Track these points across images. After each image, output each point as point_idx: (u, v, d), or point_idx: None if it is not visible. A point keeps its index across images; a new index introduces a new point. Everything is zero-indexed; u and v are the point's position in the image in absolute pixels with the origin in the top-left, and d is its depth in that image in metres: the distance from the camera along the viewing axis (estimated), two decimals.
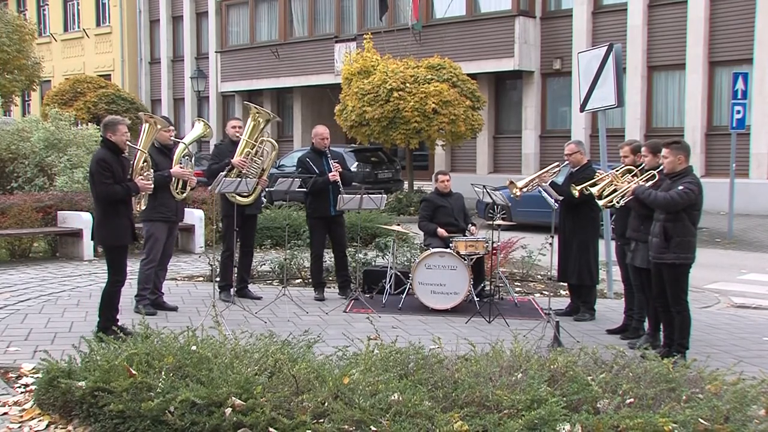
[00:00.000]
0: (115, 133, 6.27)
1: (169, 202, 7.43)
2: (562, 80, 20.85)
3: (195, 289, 8.82)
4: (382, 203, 8.01)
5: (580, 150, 7.68)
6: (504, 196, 8.23)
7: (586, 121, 19.67)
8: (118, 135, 6.26)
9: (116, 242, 6.32)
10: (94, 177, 6.19)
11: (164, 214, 7.44)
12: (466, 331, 6.94)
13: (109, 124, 6.34)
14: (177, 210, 7.60)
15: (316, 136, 8.37)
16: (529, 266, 9.74)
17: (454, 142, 18.35)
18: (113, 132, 6.27)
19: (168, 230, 7.55)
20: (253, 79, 26.72)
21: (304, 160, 8.37)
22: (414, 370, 4.17)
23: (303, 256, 9.41)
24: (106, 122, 6.39)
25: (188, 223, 11.54)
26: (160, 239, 7.47)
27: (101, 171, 6.15)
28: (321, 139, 8.32)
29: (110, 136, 6.27)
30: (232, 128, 8.19)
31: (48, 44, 34.45)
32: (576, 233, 7.52)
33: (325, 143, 8.30)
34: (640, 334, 6.75)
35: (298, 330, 6.16)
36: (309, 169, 8.26)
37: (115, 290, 6.37)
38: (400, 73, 17.64)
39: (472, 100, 17.93)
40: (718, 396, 3.92)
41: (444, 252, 7.88)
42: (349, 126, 17.96)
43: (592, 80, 8.79)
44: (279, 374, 4.01)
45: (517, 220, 12.67)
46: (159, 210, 7.37)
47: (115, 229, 6.27)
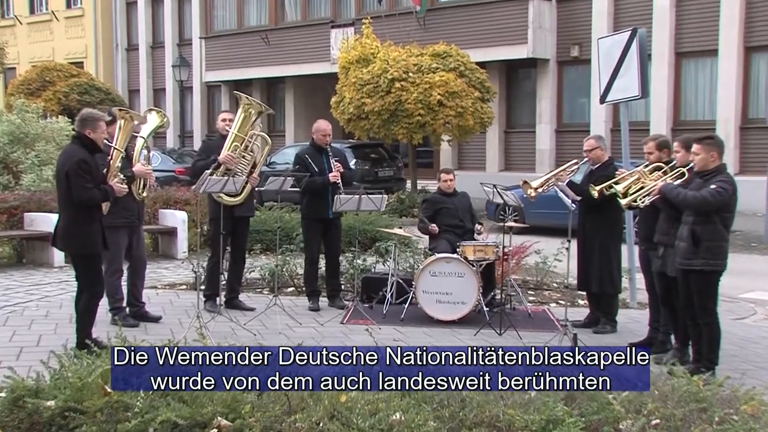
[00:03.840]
0: (95, 129, 6.20)
1: (131, 204, 7.35)
2: (580, 69, 20.84)
3: (177, 299, 8.81)
4: (382, 204, 8.01)
5: (600, 146, 7.68)
6: (516, 196, 8.23)
7: (606, 114, 19.66)
8: (99, 132, 6.19)
9: (90, 250, 6.29)
10: (72, 180, 6.11)
11: (126, 219, 7.37)
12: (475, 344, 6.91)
13: (88, 119, 6.25)
14: (139, 213, 7.58)
15: (318, 131, 8.37)
16: (544, 273, 9.73)
17: (461, 137, 18.35)
18: (93, 128, 6.20)
19: (131, 235, 7.52)
20: (241, 68, 26.74)
21: (303, 156, 8.38)
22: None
23: (296, 263, 9.40)
24: (84, 117, 6.29)
25: (170, 226, 11.54)
26: (122, 247, 7.43)
27: (81, 174, 6.09)
28: (322, 135, 8.33)
29: (89, 132, 6.20)
30: (222, 122, 8.18)
31: (12, 27, 34.46)
32: (596, 237, 7.52)
33: (327, 140, 8.31)
34: (667, 348, 6.75)
35: (290, 343, 6.14)
36: (307, 166, 8.27)
37: (95, 303, 6.35)
38: (402, 62, 17.64)
39: (481, 91, 17.93)
40: (756, 418, 3.91)
41: (450, 258, 7.87)
42: (347, 119, 17.97)
43: (614, 69, 8.79)
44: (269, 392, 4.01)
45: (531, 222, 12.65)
46: (120, 214, 7.26)
47: (89, 236, 6.24)
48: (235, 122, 7.94)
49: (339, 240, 8.59)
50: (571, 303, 8.71)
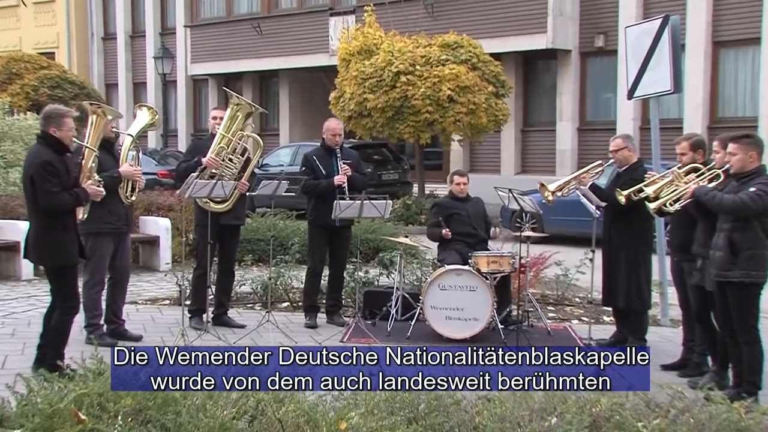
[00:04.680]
0: (61, 127, 6.19)
1: (117, 208, 7.39)
2: (605, 61, 20.85)
3: (160, 315, 8.83)
4: (386, 211, 8.03)
5: (628, 145, 7.67)
6: (534, 201, 8.23)
7: (635, 111, 19.66)
8: (65, 130, 6.18)
9: (65, 262, 6.29)
10: (36, 184, 6.11)
11: (113, 225, 7.38)
12: None
13: (52, 116, 6.24)
14: (127, 218, 7.59)
15: (327, 131, 8.43)
16: (566, 287, 9.74)
17: (473, 136, 18.36)
18: (58, 126, 6.19)
19: (117, 243, 7.53)
20: (231, 60, 26.80)
21: (311, 158, 8.44)
22: (425, 413, 4.15)
23: (291, 275, 9.42)
24: (48, 114, 6.29)
25: (152, 235, 11.56)
26: (106, 256, 7.44)
27: (47, 177, 6.08)
28: (332, 135, 8.39)
29: (54, 131, 6.19)
30: (213, 120, 8.26)
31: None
32: (624, 247, 7.50)
33: (337, 140, 8.37)
34: (703, 370, 6.74)
35: None
36: (314, 168, 8.31)
37: (68, 319, 6.35)
38: (408, 53, 17.67)
39: (495, 86, 17.95)
40: None
41: (461, 269, 7.87)
42: (347, 117, 18.00)
43: (643, 60, 8.80)
44: (262, 418, 4.00)
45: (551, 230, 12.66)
46: (106, 219, 7.29)
47: (62, 245, 6.24)
48: (223, 123, 7.97)
49: (346, 252, 8.63)
50: (596, 320, 8.72)
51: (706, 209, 6.19)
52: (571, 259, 9.64)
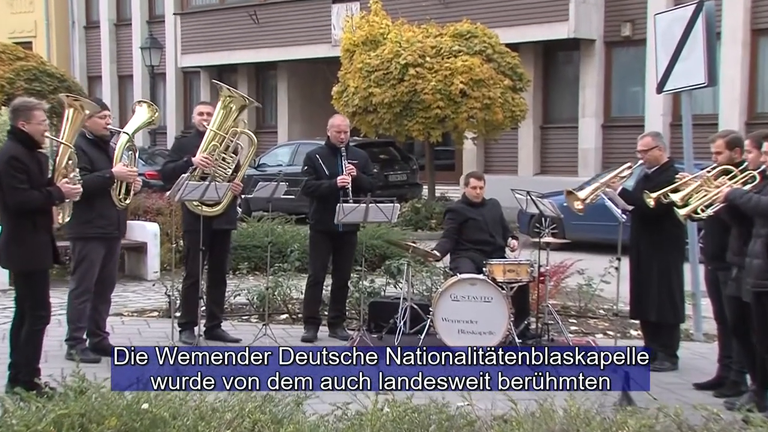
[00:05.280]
0: (30, 120, 6.25)
1: (109, 212, 7.40)
2: (632, 51, 20.84)
3: (147, 328, 8.83)
4: (393, 215, 8.02)
5: (658, 144, 7.64)
6: (554, 205, 8.22)
7: (665, 106, 19.63)
8: (34, 123, 6.25)
9: (34, 266, 6.31)
10: (3, 180, 6.16)
11: (103, 229, 7.40)
12: None
13: (21, 108, 6.33)
14: (119, 222, 7.60)
15: (332, 128, 8.45)
16: (589, 298, 9.72)
17: (488, 134, 18.35)
18: (27, 119, 6.26)
19: (107, 250, 7.54)
20: (225, 51, 26.82)
21: (313, 157, 8.45)
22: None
23: (290, 284, 9.42)
24: (16, 106, 6.38)
25: (138, 241, 11.55)
26: (95, 262, 7.45)
27: (13, 173, 6.13)
28: (337, 132, 8.39)
29: (23, 124, 6.26)
30: (199, 116, 8.24)
31: None
32: (654, 255, 7.48)
33: (342, 138, 8.38)
34: (741, 390, 6.70)
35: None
36: (317, 169, 8.33)
37: (38, 329, 6.35)
38: (417, 44, 17.68)
39: (512, 79, 17.95)
40: None
41: (475, 279, 7.86)
42: (351, 113, 18.01)
43: (674, 51, 8.78)
44: None
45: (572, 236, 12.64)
46: (96, 223, 7.32)
47: (32, 248, 6.25)
48: (214, 118, 7.97)
49: (350, 261, 8.62)
50: (622, 334, 8.67)
51: (741, 214, 6.16)
52: (595, 268, 9.62)
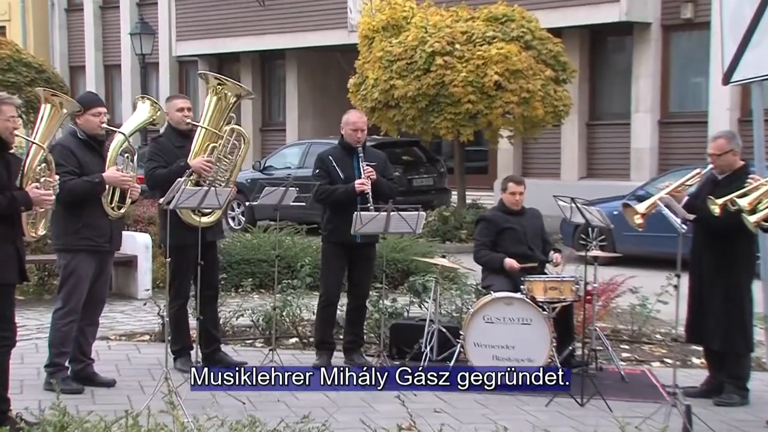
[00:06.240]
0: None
1: (99, 222, 7.42)
2: (695, 36, 20.79)
3: (138, 354, 8.86)
4: (418, 225, 8.03)
5: (733, 148, 7.47)
6: (603, 213, 8.20)
7: (731, 99, 19.54)
8: (2, 120, 6.21)
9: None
10: None
11: (92, 240, 7.42)
12: (547, 418, 6.91)
13: None
14: (112, 235, 7.62)
15: (347, 125, 8.45)
16: (643, 320, 9.69)
17: (527, 132, 18.33)
18: None
19: (98, 265, 7.57)
20: (226, 38, 26.87)
21: (326, 158, 8.46)
22: None
23: (300, 304, 9.43)
24: None
25: (127, 254, 11.57)
26: (83, 278, 7.47)
27: None
28: (352, 130, 8.40)
29: None
30: (179, 112, 8.14)
31: None
32: (720, 271, 7.43)
33: (359, 137, 8.37)
34: None
35: (292, 415, 6.17)
36: (331, 172, 8.35)
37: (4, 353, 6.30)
38: (446, 29, 17.70)
39: (555, 69, 17.94)
40: None
41: (512, 298, 7.88)
42: (370, 108, 18.04)
43: (744, 36, 8.74)
44: None
45: (624, 249, 12.60)
46: (83, 234, 7.34)
47: None
48: (205, 112, 7.99)
49: (369, 277, 8.63)
50: (682, 362, 8.65)
51: None
52: (651, 286, 9.59)
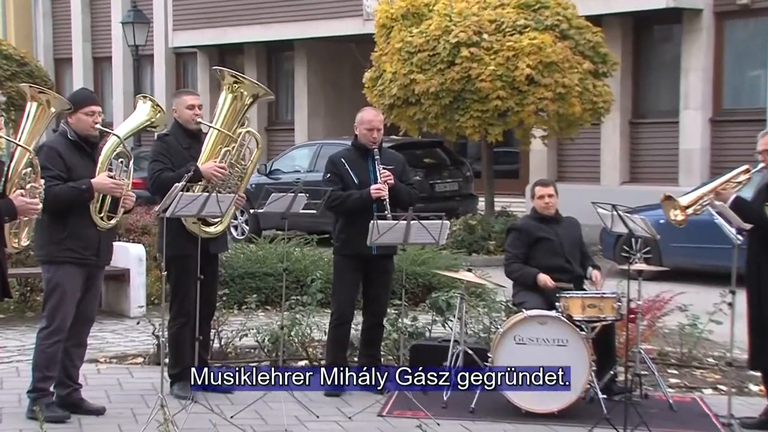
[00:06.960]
0: None
1: (87, 233, 7.43)
2: (752, 24, 20.78)
3: (130, 378, 8.88)
4: (442, 235, 8.02)
5: None
6: (648, 222, 8.17)
7: None
8: None
9: None
10: None
11: (76, 252, 7.42)
12: None
13: None
14: (100, 247, 7.62)
15: (362, 124, 8.47)
16: (694, 342, 9.66)
17: (562, 131, 18.32)
18: None
19: (86, 279, 7.58)
20: (228, 27, 26.93)
21: (338, 161, 8.49)
22: None
23: (310, 322, 9.44)
24: None
25: (119, 267, 11.60)
26: (68, 294, 7.47)
27: None
28: (367, 130, 8.42)
29: None
30: (189, 109, 8.22)
31: None
32: None
33: (375, 137, 8.40)
34: None
35: None
36: (343, 176, 8.37)
37: None
38: (472, 17, 17.70)
39: (594, 62, 17.92)
40: None
41: (546, 316, 7.86)
42: (388, 105, 18.06)
43: None
44: None
45: (671, 262, 12.58)
46: (67, 245, 7.34)
47: None
48: (218, 113, 8.01)
49: (386, 293, 8.64)
50: (738, 389, 8.61)
51: None
52: (702, 303, 9.58)
